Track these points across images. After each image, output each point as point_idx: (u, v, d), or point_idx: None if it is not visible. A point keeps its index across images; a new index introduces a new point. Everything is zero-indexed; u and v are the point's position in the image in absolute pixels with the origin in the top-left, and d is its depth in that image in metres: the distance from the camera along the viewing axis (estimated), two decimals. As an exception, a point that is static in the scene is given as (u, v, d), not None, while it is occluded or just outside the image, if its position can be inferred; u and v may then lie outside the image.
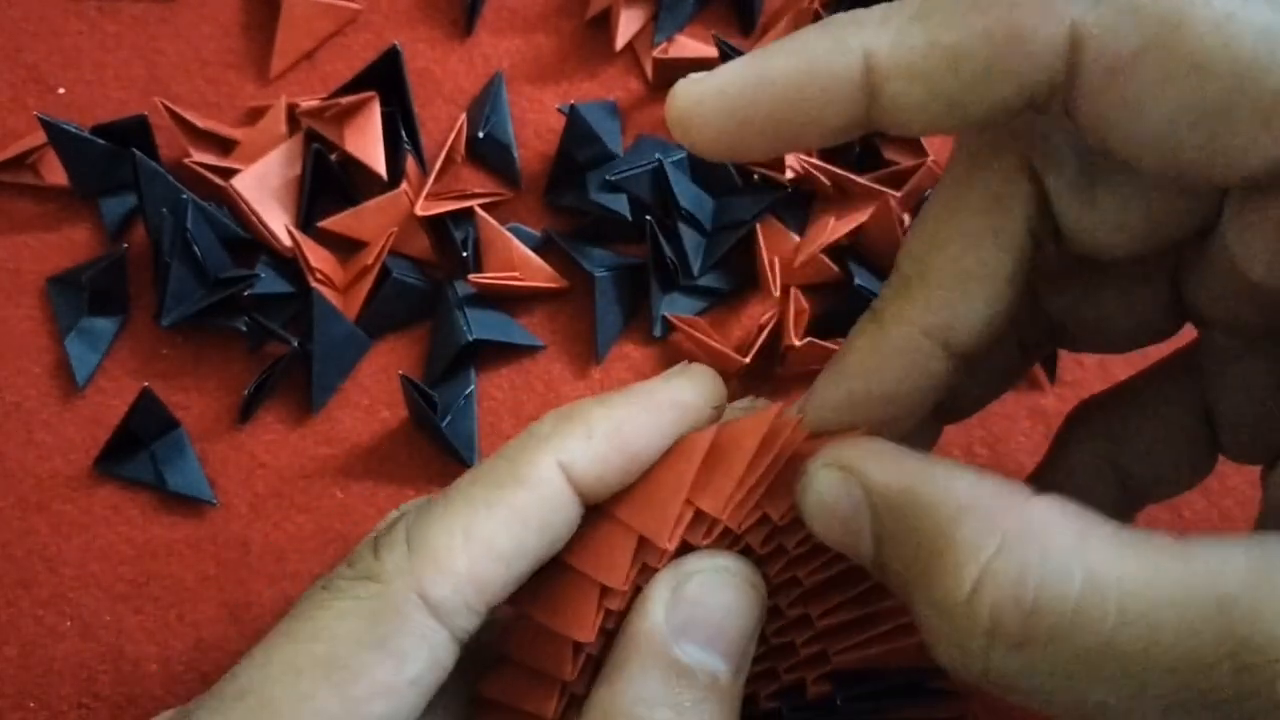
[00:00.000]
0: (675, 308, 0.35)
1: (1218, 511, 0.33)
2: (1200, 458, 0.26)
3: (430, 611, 0.21)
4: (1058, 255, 0.23)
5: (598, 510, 0.23)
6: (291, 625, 0.21)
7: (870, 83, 0.20)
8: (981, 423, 0.34)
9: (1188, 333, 0.25)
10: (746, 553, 0.24)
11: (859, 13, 0.21)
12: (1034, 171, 0.22)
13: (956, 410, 0.27)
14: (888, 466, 0.21)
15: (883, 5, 0.21)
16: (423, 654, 0.21)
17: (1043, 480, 0.27)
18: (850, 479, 0.21)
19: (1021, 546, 0.18)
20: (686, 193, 0.35)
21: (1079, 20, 0.19)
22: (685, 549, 0.23)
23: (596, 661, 0.23)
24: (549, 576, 0.24)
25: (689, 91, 0.21)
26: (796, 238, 0.35)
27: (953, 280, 0.22)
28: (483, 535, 0.21)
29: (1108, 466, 0.26)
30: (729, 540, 0.23)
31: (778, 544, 0.24)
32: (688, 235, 0.35)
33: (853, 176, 0.35)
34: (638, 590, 0.23)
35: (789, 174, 0.35)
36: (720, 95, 0.21)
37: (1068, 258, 0.24)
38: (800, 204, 0.36)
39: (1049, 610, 0.18)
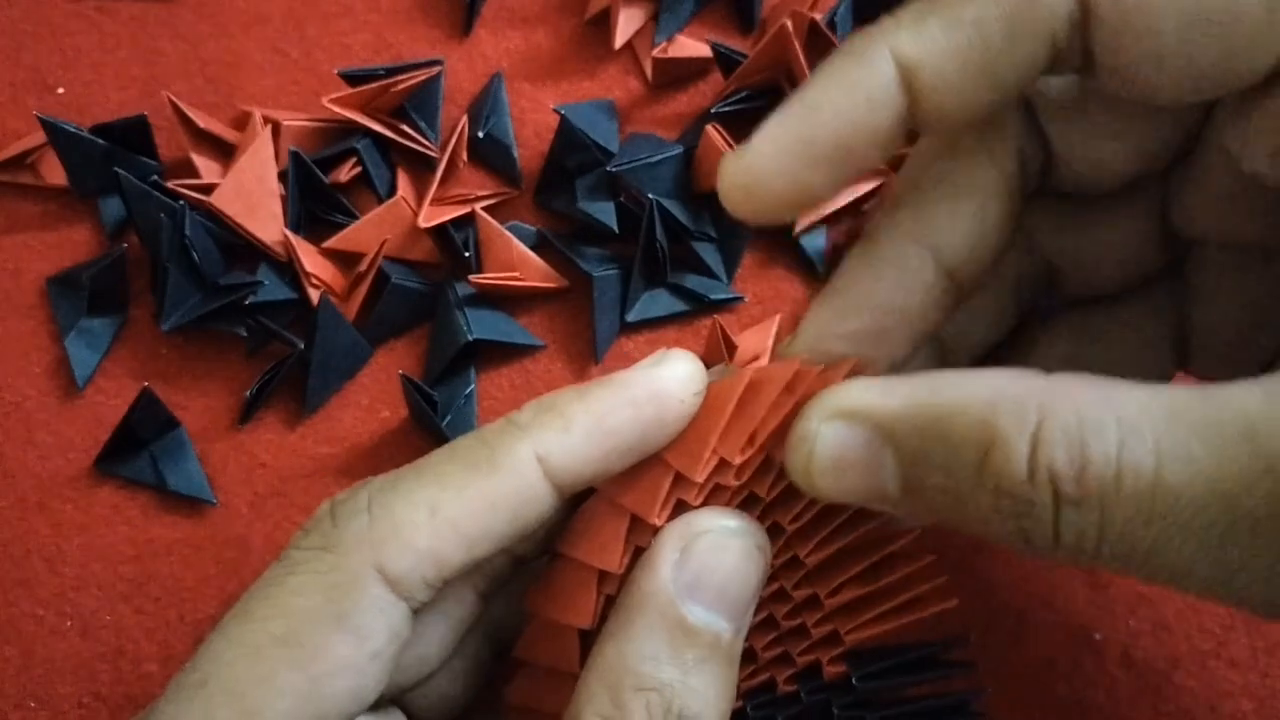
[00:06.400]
0: (656, 304, 0.35)
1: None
2: (1163, 372, 0.27)
3: (388, 585, 0.21)
4: (1050, 184, 0.24)
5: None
6: (249, 604, 0.21)
7: (906, 79, 0.21)
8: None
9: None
10: None
11: (875, 25, 0.22)
12: (1026, 99, 0.22)
13: (955, 356, 0.27)
14: (895, 394, 0.21)
15: (893, 12, 0.22)
16: (381, 627, 0.21)
17: None
18: (858, 423, 0.21)
19: (1059, 414, 0.19)
20: (682, 214, 0.35)
21: None
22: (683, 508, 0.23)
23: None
24: (588, 511, 0.24)
25: (739, 157, 0.22)
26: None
27: (941, 193, 0.22)
28: (450, 515, 0.21)
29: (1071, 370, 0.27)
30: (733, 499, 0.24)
31: (773, 522, 0.24)
32: (705, 252, 0.35)
33: None
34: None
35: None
36: (772, 144, 0.22)
37: (1060, 194, 0.24)
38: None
39: (1097, 462, 0.19)
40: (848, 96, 0.21)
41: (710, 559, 0.23)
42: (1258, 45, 0.20)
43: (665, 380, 0.23)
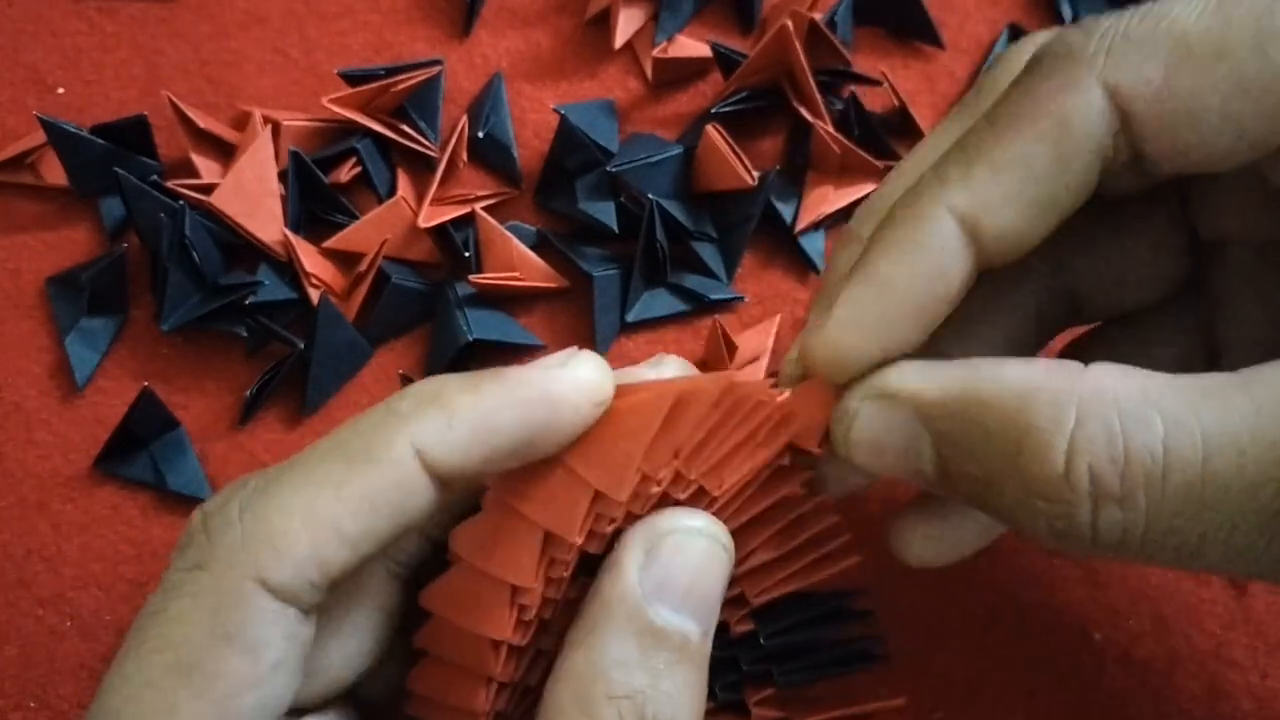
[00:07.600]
0: (656, 304, 0.35)
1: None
2: None
3: (272, 594, 0.20)
4: (1127, 175, 0.23)
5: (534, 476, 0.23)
6: (139, 636, 0.21)
7: (969, 232, 0.22)
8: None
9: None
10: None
11: (915, 189, 0.22)
12: (1113, 90, 0.21)
13: None
14: (934, 378, 0.21)
15: (929, 170, 0.22)
16: (275, 637, 0.20)
17: None
18: (897, 405, 0.21)
19: (1099, 409, 0.19)
20: (682, 214, 0.35)
21: (1106, 79, 0.21)
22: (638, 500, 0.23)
23: (543, 624, 0.23)
24: (493, 517, 0.23)
25: (820, 332, 0.22)
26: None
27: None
28: (327, 517, 0.20)
29: None
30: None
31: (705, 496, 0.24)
32: (705, 252, 0.35)
33: (858, 150, 0.35)
34: (609, 542, 0.23)
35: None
36: (851, 321, 0.22)
37: (1094, 202, 0.24)
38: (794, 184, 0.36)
39: (1141, 457, 0.19)
40: (919, 264, 0.22)
41: (677, 560, 0.22)
42: None
43: (563, 384, 0.22)
